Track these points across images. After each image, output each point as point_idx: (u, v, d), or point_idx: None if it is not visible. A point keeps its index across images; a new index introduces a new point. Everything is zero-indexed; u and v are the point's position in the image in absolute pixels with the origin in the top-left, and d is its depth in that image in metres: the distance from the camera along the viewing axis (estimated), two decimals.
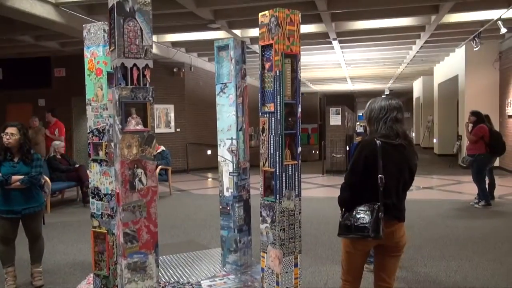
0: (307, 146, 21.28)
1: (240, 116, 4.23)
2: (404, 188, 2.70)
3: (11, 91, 13.00)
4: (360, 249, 2.71)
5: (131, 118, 2.75)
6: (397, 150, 2.61)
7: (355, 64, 15.67)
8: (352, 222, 2.57)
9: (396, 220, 2.66)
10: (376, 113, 2.67)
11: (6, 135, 3.89)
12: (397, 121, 2.63)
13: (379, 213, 2.51)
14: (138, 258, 2.78)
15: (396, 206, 2.64)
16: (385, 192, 2.56)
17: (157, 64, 12.40)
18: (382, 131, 2.62)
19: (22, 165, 3.97)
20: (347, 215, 2.63)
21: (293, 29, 3.21)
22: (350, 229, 2.58)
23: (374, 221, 2.50)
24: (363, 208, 2.56)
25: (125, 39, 2.70)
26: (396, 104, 2.67)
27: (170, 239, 5.79)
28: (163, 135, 12.47)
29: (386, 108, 2.65)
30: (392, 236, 2.64)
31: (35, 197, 4.08)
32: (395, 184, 2.62)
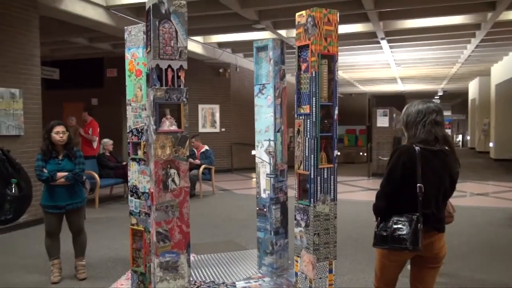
0: (355, 147, 20.94)
1: (278, 117, 4.19)
2: (444, 198, 2.57)
3: (67, 91, 13.68)
4: (396, 260, 2.59)
5: (165, 118, 2.79)
6: (437, 156, 2.48)
7: (405, 64, 15.17)
8: (388, 233, 2.45)
9: (435, 231, 2.53)
10: (413, 116, 2.53)
11: (58, 133, 4.05)
12: (437, 124, 2.49)
13: (418, 224, 2.38)
14: (170, 258, 2.81)
15: (435, 216, 2.51)
16: (424, 201, 2.43)
17: (203, 64, 12.60)
18: (421, 136, 2.48)
19: (66, 162, 4.14)
20: (382, 225, 2.51)
21: (330, 29, 3.13)
22: (386, 240, 2.46)
23: (413, 233, 2.37)
24: (401, 218, 2.44)
25: (160, 40, 2.74)
26: (434, 107, 2.53)
27: (210, 238, 5.85)
28: (208, 134, 12.66)
29: (423, 111, 2.51)
30: (431, 247, 2.51)
31: (77, 193, 4.24)
32: (434, 194, 2.49)
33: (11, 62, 6.09)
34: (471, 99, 23.26)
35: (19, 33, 6.23)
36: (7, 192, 3.32)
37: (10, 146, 6.02)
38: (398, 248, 2.42)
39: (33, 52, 6.46)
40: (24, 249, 5.32)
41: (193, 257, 4.79)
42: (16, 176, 3.56)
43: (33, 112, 6.45)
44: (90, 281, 4.26)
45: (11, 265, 4.72)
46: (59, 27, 9.15)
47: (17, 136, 6.15)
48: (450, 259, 4.83)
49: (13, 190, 3.41)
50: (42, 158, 4.06)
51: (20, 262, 4.81)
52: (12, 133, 6.05)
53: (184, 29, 2.81)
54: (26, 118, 6.27)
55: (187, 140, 2.84)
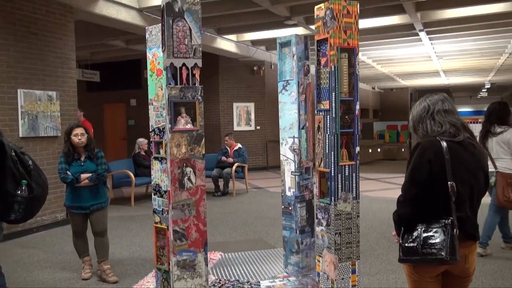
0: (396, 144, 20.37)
1: (303, 114, 4.11)
2: (478, 198, 2.22)
3: (107, 92, 14.12)
4: (429, 275, 2.19)
5: (180, 117, 2.78)
6: (466, 149, 2.16)
7: (447, 56, 14.55)
8: (418, 244, 2.09)
9: (471, 240, 2.18)
10: (418, 115, 2.28)
11: (77, 136, 4.15)
12: (447, 112, 2.21)
13: (453, 229, 2.04)
14: (187, 256, 2.81)
15: (471, 220, 2.17)
16: (458, 203, 2.09)
17: (237, 63, 12.63)
18: (435, 128, 2.18)
19: (89, 163, 4.21)
20: (408, 235, 2.15)
21: (350, 21, 3.02)
22: (417, 252, 2.09)
23: (450, 241, 2.02)
24: (431, 225, 2.09)
25: (174, 39, 2.73)
26: (437, 96, 2.27)
27: (240, 236, 5.84)
28: (243, 132, 12.69)
29: (427, 105, 2.25)
30: (462, 261, 2.13)
31: (101, 193, 4.29)
32: (468, 193, 2.15)
33: (48, 66, 6.33)
34: None
35: (56, 38, 6.46)
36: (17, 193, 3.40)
37: (47, 147, 6.30)
38: (432, 260, 2.06)
39: (69, 55, 6.69)
40: (56, 247, 5.50)
41: (220, 255, 4.80)
42: (26, 178, 3.65)
43: (70, 113, 6.67)
44: (120, 277, 4.34)
45: (43, 261, 4.90)
46: (97, 31, 9.44)
47: (54, 137, 6.38)
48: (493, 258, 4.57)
49: (23, 191, 3.49)
50: (65, 161, 4.15)
51: (52, 259, 4.98)
52: (50, 134, 6.29)
53: (198, 27, 2.79)
54: (62, 120, 6.50)
55: (203, 139, 2.83)
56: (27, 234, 5.92)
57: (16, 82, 5.89)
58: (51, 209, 6.38)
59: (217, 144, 12.08)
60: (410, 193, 2.16)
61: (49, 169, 6.31)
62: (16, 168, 3.54)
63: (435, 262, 2.07)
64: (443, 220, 2.08)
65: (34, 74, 6.12)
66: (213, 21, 9.28)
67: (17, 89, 5.89)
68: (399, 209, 2.22)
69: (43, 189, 3.80)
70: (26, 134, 5.97)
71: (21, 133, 5.92)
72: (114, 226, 6.51)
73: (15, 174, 3.52)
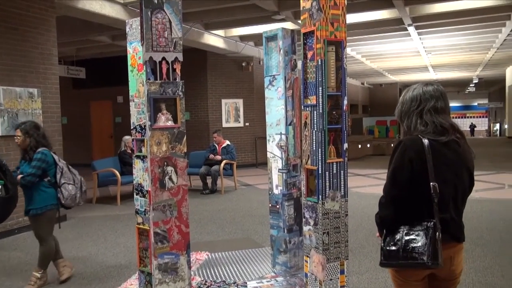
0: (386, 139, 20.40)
1: (290, 109, 4.00)
2: (463, 198, 2.10)
3: (93, 89, 13.88)
4: (414, 279, 2.08)
5: (161, 114, 2.67)
6: (450, 148, 2.02)
7: (436, 51, 14.56)
8: (399, 247, 1.98)
9: (455, 241, 2.05)
10: (407, 105, 2.10)
11: (16, 137, 3.93)
12: (437, 111, 2.04)
13: (435, 233, 1.93)
14: (169, 259, 2.70)
15: (455, 222, 2.05)
16: (441, 204, 1.98)
17: (226, 58, 12.49)
18: (420, 128, 2.04)
19: (25, 166, 3.91)
20: (390, 238, 2.03)
21: (337, 13, 2.92)
22: (397, 256, 1.98)
23: (432, 245, 1.92)
24: (414, 227, 1.99)
25: (153, 32, 2.61)
26: (433, 91, 2.07)
27: (227, 235, 5.73)
28: (232, 129, 12.56)
29: (419, 98, 2.07)
30: (448, 263, 2.02)
31: (35, 198, 3.91)
32: (452, 193, 2.03)
33: (29, 62, 6.14)
34: (509, 85, 22.19)
35: (37, 33, 6.27)
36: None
37: None
38: (413, 265, 1.96)
39: (51, 51, 6.50)
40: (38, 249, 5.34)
41: (206, 255, 4.69)
42: (3, 178, 3.51)
43: (52, 111, 6.49)
44: (102, 279, 4.22)
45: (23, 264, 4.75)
46: (82, 26, 9.23)
47: None
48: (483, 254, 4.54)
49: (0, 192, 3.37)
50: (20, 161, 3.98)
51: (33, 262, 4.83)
52: None
53: (179, 19, 2.67)
54: (45, 118, 6.31)
55: (185, 136, 2.71)
56: (8, 235, 5.75)
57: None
58: None
59: (206, 141, 11.95)
60: (392, 194, 2.05)
61: None
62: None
63: (417, 267, 1.97)
64: (426, 223, 1.97)
65: (14, 71, 5.93)
66: (200, 16, 9.12)
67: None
68: (381, 211, 2.11)
69: (17, 189, 3.66)
70: (6, 132, 5.78)
71: (1, 131, 5.74)
72: (99, 226, 6.37)
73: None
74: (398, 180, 2.02)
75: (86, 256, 4.96)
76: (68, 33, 9.64)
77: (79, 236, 5.86)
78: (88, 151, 14.14)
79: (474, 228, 5.52)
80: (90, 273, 4.41)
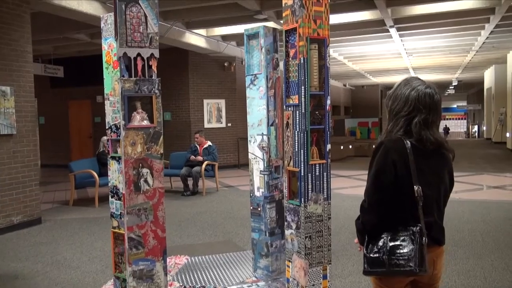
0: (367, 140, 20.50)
1: (272, 109, 3.90)
2: (445, 200, 2.04)
3: (72, 88, 13.56)
4: (397, 286, 2.00)
5: (136, 113, 2.54)
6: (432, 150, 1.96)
7: (417, 53, 14.67)
8: (384, 254, 1.88)
9: (436, 244, 1.98)
10: (399, 106, 1.97)
11: None
12: (427, 125, 1.92)
13: (422, 238, 1.85)
14: (144, 266, 2.57)
15: (438, 225, 1.98)
16: (425, 207, 1.90)
17: (207, 58, 12.34)
18: (401, 134, 1.94)
19: None
20: (373, 245, 1.94)
21: (320, 10, 2.82)
22: (382, 264, 1.88)
23: (419, 251, 1.83)
24: (398, 233, 1.89)
25: (128, 26, 2.48)
26: (430, 99, 1.94)
27: (208, 238, 5.60)
28: (214, 130, 12.41)
29: (412, 104, 1.93)
30: (431, 267, 1.93)
31: None
32: (435, 196, 1.97)
33: (2, 59, 5.90)
34: (487, 88, 22.58)
35: (10, 29, 6.03)
36: None
37: (1, 146, 5.88)
38: (400, 272, 1.86)
39: (25, 48, 6.27)
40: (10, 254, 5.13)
41: (186, 260, 4.55)
42: None
43: (26, 110, 6.26)
44: (76, 285, 4.04)
45: None
46: (58, 24, 8.97)
47: (9, 135, 5.97)
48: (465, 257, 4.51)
49: None
50: None
51: (3, 268, 4.62)
52: (4, 132, 5.87)
53: (155, 14, 2.55)
54: (18, 117, 6.08)
55: (161, 136, 2.59)
56: None
57: None
58: (6, 212, 5.97)
59: (187, 141, 11.77)
60: (375, 198, 1.94)
61: (3, 169, 5.91)
62: None
63: (404, 275, 1.88)
64: (411, 228, 1.88)
65: None
66: (181, 15, 8.96)
67: None
68: (363, 216, 2.00)
69: None
70: None
71: None
72: (75, 229, 6.16)
73: None
74: (381, 183, 1.92)
75: (61, 260, 4.77)
76: (44, 31, 9.35)
77: (54, 239, 5.65)
78: (67, 151, 13.81)
79: (456, 229, 5.52)
80: (63, 278, 4.23)
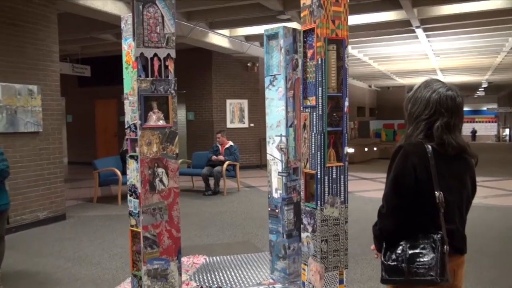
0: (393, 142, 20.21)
1: (291, 111, 3.87)
2: (467, 207, 1.95)
3: (98, 88, 13.83)
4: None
5: (152, 113, 2.55)
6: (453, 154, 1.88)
7: (444, 54, 14.33)
8: (403, 262, 1.80)
9: (458, 253, 1.88)
10: (419, 109, 1.88)
11: None
12: (449, 129, 1.84)
13: (443, 246, 1.76)
14: (158, 265, 2.58)
15: (459, 233, 1.89)
16: (447, 214, 1.81)
17: (231, 58, 12.38)
18: (421, 138, 1.86)
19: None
20: (391, 252, 1.87)
21: (339, 10, 2.78)
22: (402, 272, 1.80)
23: (441, 260, 1.75)
24: (418, 240, 1.81)
25: (145, 26, 2.50)
26: (451, 102, 1.86)
27: (227, 238, 5.61)
28: (236, 130, 12.44)
29: (433, 107, 1.85)
30: (451, 277, 1.83)
31: (2, 194, 3.79)
32: (457, 202, 1.88)
33: (29, 59, 6.06)
34: None
35: (37, 29, 6.19)
36: None
37: (28, 143, 6.04)
38: (419, 281, 1.77)
39: (51, 48, 6.42)
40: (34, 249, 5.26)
41: (204, 259, 4.56)
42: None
43: (52, 108, 6.41)
44: (96, 281, 4.11)
45: (17, 264, 4.65)
46: (85, 24, 9.15)
47: (35, 132, 6.12)
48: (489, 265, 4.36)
49: None
50: None
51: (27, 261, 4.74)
52: (30, 129, 6.03)
53: (172, 14, 2.55)
54: (44, 115, 6.23)
55: (176, 137, 2.59)
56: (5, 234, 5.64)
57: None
58: (32, 207, 6.12)
59: (210, 141, 11.83)
60: (393, 203, 1.87)
61: (30, 166, 6.07)
62: None
63: (423, 284, 1.79)
64: (432, 235, 1.80)
65: (13, 67, 5.85)
66: (205, 15, 9.02)
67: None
68: (380, 222, 1.94)
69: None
70: (4, 129, 5.70)
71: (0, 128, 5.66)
72: (98, 226, 6.27)
73: None
74: (400, 188, 1.85)
75: (82, 256, 4.87)
76: (72, 31, 9.58)
77: (77, 235, 5.77)
78: (93, 149, 14.10)
79: (481, 235, 5.35)
80: (84, 274, 4.31)
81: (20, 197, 5.93)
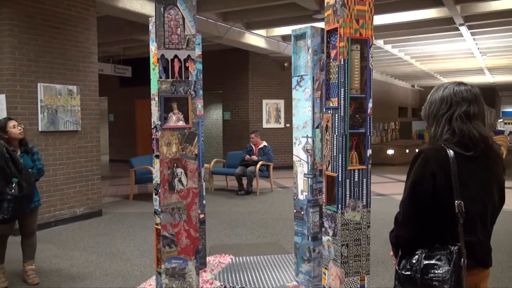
0: None
1: (317, 112, 3.81)
2: (492, 218, 1.84)
3: (138, 88, 14.19)
4: None
5: (172, 113, 2.58)
6: (478, 160, 1.77)
7: (491, 53, 13.68)
8: (416, 272, 1.73)
9: (481, 267, 1.79)
10: (436, 107, 1.84)
11: (16, 127, 3.83)
12: (469, 118, 1.77)
13: (460, 259, 1.68)
14: (176, 264, 2.61)
15: (482, 245, 1.79)
16: (467, 225, 1.72)
17: (267, 58, 12.37)
18: (446, 136, 1.77)
19: (26, 158, 3.85)
20: (406, 261, 1.79)
21: (363, 9, 2.71)
22: (415, 283, 1.73)
23: (456, 273, 1.67)
24: (435, 251, 1.73)
25: (166, 28, 2.53)
26: (466, 92, 1.81)
27: (256, 238, 5.61)
28: (272, 130, 12.42)
29: (449, 100, 1.80)
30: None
31: (35, 192, 3.91)
32: (480, 213, 1.78)
33: (69, 60, 6.30)
34: None
35: (78, 32, 6.43)
36: (7, 191, 3.32)
37: (67, 141, 6.28)
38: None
39: (91, 49, 6.64)
40: (70, 243, 5.45)
41: (230, 259, 4.58)
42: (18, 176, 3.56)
43: (91, 108, 6.63)
44: (125, 276, 4.21)
45: (53, 257, 4.84)
46: (126, 26, 9.42)
47: (74, 131, 6.36)
48: None
49: (14, 190, 3.41)
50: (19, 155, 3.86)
51: (63, 255, 4.92)
52: (70, 128, 6.27)
53: (192, 16, 2.57)
54: (83, 114, 6.46)
55: (196, 137, 2.61)
56: (45, 228, 5.91)
57: (36, 76, 5.88)
58: (70, 203, 6.36)
59: (246, 141, 11.87)
60: (411, 211, 1.79)
61: (69, 164, 6.31)
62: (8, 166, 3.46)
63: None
64: (450, 246, 1.71)
65: (54, 68, 6.11)
66: (241, 15, 9.06)
67: (37, 83, 5.88)
68: (396, 229, 1.86)
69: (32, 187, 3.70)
70: (45, 128, 5.96)
71: (41, 127, 5.91)
72: (131, 223, 6.43)
73: (6, 172, 3.44)
74: (418, 195, 1.76)
75: (114, 252, 5.01)
76: (113, 33, 9.89)
77: (111, 231, 5.94)
78: (133, 147, 14.49)
79: None
80: (114, 270, 4.43)
81: (58, 193, 6.18)
